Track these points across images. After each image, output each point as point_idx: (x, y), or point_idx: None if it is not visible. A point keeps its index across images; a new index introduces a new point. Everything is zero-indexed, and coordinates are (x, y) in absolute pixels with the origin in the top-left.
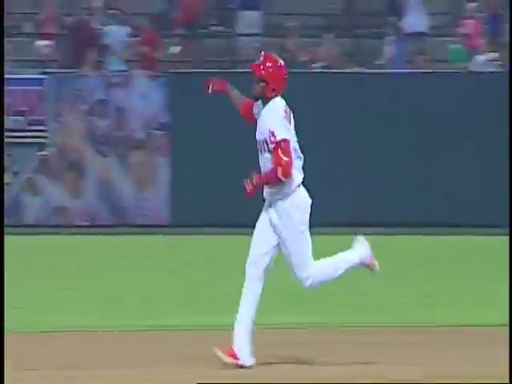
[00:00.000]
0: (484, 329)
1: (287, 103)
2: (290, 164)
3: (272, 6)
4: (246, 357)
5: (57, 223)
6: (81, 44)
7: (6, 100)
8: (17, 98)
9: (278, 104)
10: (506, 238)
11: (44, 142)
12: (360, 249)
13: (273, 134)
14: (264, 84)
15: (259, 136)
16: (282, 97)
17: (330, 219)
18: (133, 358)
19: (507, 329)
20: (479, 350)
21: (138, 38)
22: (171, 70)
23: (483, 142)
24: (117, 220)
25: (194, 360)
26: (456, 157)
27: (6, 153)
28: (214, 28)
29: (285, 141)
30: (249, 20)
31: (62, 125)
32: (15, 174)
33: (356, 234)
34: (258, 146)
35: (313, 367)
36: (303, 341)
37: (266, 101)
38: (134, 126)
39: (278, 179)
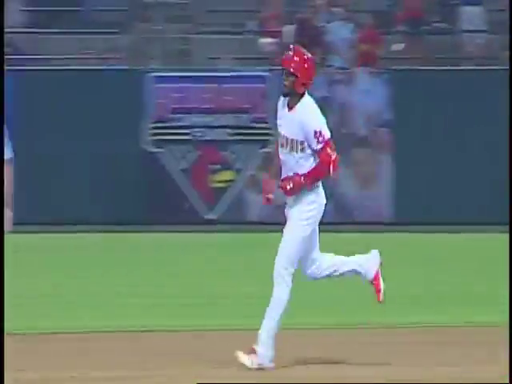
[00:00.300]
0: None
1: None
2: (338, 160)
3: (494, 2)
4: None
5: (279, 221)
6: (304, 41)
7: (229, 97)
8: (240, 96)
9: (311, 100)
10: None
11: (267, 140)
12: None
13: (320, 133)
14: (294, 78)
15: (291, 135)
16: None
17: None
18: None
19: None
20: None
21: (360, 35)
22: (394, 67)
23: None
24: (340, 217)
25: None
26: None
27: (229, 150)
28: (436, 24)
29: (330, 138)
30: (470, 16)
31: None
32: (238, 171)
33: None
34: (286, 144)
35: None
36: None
37: (295, 96)
38: (357, 123)
39: (328, 174)
